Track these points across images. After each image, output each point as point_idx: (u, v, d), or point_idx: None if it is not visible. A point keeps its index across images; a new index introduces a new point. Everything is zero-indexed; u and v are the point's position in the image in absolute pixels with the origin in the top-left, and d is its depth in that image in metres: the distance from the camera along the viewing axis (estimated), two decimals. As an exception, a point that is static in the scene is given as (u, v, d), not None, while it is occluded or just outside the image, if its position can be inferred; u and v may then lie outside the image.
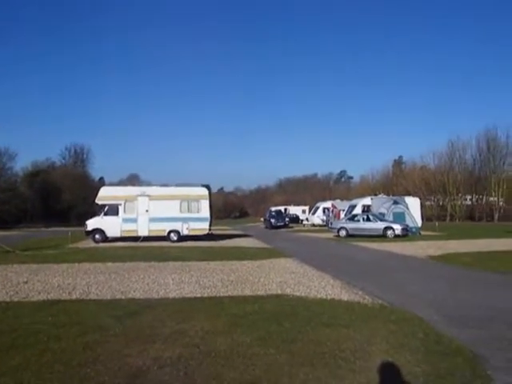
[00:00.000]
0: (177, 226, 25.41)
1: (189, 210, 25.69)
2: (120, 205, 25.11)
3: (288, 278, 11.61)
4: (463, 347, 5.83)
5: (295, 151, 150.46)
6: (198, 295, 9.23)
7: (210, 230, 26.31)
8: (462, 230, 35.56)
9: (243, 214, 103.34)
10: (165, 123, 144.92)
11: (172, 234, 25.49)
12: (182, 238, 25.28)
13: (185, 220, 25.38)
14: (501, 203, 55.06)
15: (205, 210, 25.74)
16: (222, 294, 9.30)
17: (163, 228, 25.34)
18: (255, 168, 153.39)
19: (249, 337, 6.14)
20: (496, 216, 53.48)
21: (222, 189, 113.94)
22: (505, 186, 54.56)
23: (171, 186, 28.50)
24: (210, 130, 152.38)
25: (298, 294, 9.38)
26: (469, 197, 58.26)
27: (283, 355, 5.42)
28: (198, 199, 25.81)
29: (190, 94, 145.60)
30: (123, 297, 9.05)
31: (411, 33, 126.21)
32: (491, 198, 55.91)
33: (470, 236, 27.56)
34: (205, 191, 26.28)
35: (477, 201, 57.74)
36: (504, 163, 56.75)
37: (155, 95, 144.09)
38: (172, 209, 25.32)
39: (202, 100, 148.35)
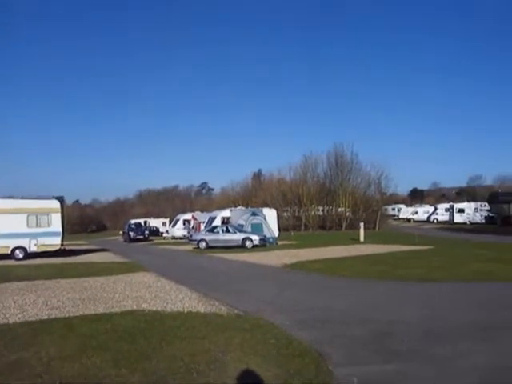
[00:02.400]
0: (23, 242, 23.13)
1: (38, 225, 23.61)
2: (-50, 220, 22.05)
3: (145, 292, 11.30)
4: (310, 348, 6.24)
5: (155, 162, 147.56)
6: (45, 317, 8.46)
7: (62, 245, 24.43)
8: (315, 239, 38.19)
9: (101, 228, 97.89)
10: (13, 127, 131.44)
11: (17, 252, 23.08)
12: (30, 256, 23.07)
13: (33, 235, 23.23)
14: (347, 213, 60.50)
15: (56, 224, 23.88)
16: (71, 315, 8.66)
17: (6, 245, 22.84)
18: (114, 179, 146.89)
19: (99, 358, 5.79)
20: (344, 225, 58.60)
21: (77, 201, 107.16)
22: (350, 199, 60.21)
23: (17, 198, 25.84)
24: (65, 138, 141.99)
25: (154, 308, 9.16)
26: (321, 208, 62.92)
27: (136, 374, 5.23)
28: (48, 212, 23.86)
29: (37, 99, 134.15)
30: (-50, 326, 7.89)
31: (262, 45, 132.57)
32: (340, 209, 61.11)
33: (322, 244, 29.67)
34: (56, 204, 24.41)
35: (328, 211, 62.59)
36: (349, 178, 62.77)
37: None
38: (17, 223, 22.98)
39: (53, 106, 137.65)
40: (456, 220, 57.85)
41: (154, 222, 60.25)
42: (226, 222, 33.89)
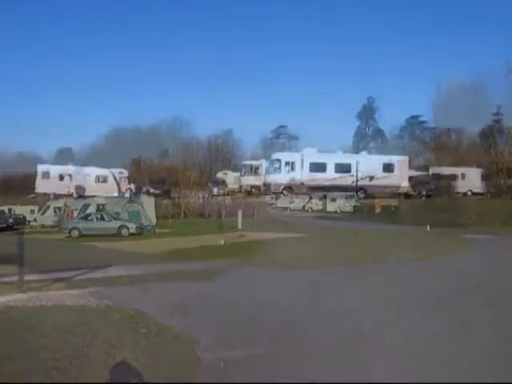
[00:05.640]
0: None
1: None
2: None
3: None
4: (180, 335, 6.28)
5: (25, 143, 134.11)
6: None
7: None
8: (194, 227, 38.15)
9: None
10: None
11: None
12: None
13: None
14: (227, 202, 61.67)
15: None
16: None
17: None
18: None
19: None
20: (224, 213, 59.60)
21: None
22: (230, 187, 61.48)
23: None
24: None
25: (11, 304, 8.39)
26: (201, 195, 63.36)
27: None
28: None
29: None
30: None
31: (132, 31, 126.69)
32: (219, 197, 62.07)
33: (199, 232, 29.65)
34: None
35: (207, 199, 63.17)
36: (230, 166, 63.93)
37: None
38: None
39: None
40: (329, 209, 61.94)
41: (21, 210, 55.33)
42: (101, 209, 32.37)
